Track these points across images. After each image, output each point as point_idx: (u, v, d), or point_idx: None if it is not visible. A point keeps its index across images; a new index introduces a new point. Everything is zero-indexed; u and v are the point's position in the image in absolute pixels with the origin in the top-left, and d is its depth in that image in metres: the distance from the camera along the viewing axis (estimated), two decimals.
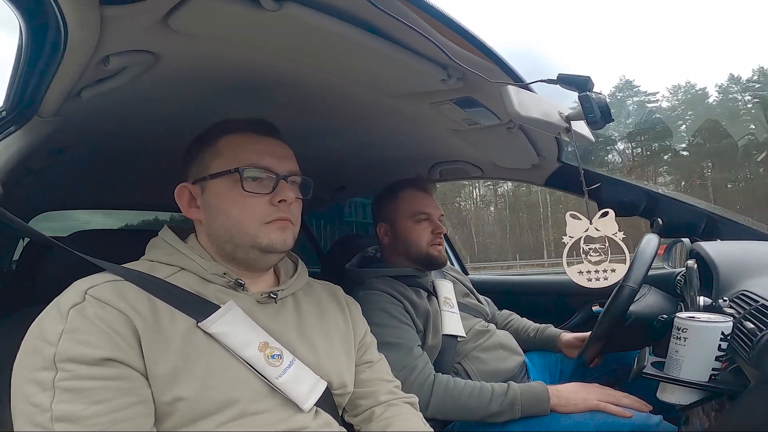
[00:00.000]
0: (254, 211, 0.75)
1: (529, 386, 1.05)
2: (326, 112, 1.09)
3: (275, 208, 0.76)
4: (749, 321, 0.72)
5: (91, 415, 0.57)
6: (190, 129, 0.82)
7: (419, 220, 1.29)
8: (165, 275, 0.72)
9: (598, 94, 0.79)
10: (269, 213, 0.75)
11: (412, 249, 1.29)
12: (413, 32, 0.68)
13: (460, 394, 1.04)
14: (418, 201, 1.31)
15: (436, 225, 1.30)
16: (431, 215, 1.30)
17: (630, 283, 1.03)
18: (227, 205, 0.75)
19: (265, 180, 0.76)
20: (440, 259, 1.30)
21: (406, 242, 1.29)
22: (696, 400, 0.77)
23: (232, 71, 0.83)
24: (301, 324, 0.80)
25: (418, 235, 1.29)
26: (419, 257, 1.29)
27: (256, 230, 0.74)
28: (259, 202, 0.75)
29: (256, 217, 0.75)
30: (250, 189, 0.74)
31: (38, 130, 0.82)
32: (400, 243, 1.31)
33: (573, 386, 1.07)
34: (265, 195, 0.75)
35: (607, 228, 0.84)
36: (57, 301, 0.63)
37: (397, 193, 1.34)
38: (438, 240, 1.30)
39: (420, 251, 1.28)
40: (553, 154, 1.41)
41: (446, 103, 1.01)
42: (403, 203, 1.31)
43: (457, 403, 1.03)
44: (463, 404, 1.03)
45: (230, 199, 0.75)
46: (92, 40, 0.60)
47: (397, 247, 1.32)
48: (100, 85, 0.76)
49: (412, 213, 1.30)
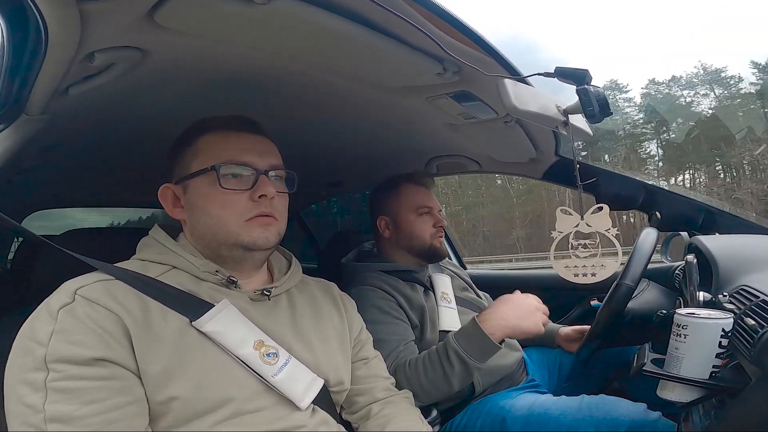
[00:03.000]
0: (235, 208, 0.74)
1: (462, 331, 1.03)
2: (320, 107, 1.07)
3: (256, 204, 0.74)
4: (750, 317, 0.71)
5: (84, 415, 0.56)
6: (180, 125, 0.81)
7: (422, 213, 1.31)
8: (156, 274, 0.71)
9: (596, 87, 0.78)
10: (250, 209, 0.74)
11: (415, 242, 1.30)
12: (408, 25, 0.67)
13: (415, 373, 1.03)
14: (419, 195, 1.33)
15: (438, 218, 1.33)
16: (432, 209, 1.33)
17: (628, 280, 1.02)
18: (208, 204, 0.74)
19: (244, 176, 0.75)
20: (442, 251, 1.34)
21: (410, 235, 1.31)
22: (696, 398, 0.77)
23: (223, 67, 0.82)
24: (295, 321, 0.79)
25: (421, 228, 1.31)
26: (423, 249, 1.31)
27: (238, 228, 0.73)
28: (239, 199, 0.74)
29: (237, 214, 0.74)
30: (229, 186, 0.73)
31: (26, 128, 0.80)
32: (403, 236, 1.31)
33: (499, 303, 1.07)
34: (245, 191, 0.74)
35: (599, 224, 0.83)
36: (47, 302, 0.62)
37: (398, 187, 1.35)
38: (440, 233, 1.33)
39: (424, 243, 1.30)
40: (551, 148, 1.40)
41: (442, 97, 0.99)
42: (405, 197, 1.33)
43: (419, 382, 1.01)
44: (425, 383, 1.01)
45: (210, 197, 0.74)
46: (74, 37, 0.59)
47: (399, 241, 1.33)
48: (87, 82, 0.75)
49: (415, 206, 1.31)
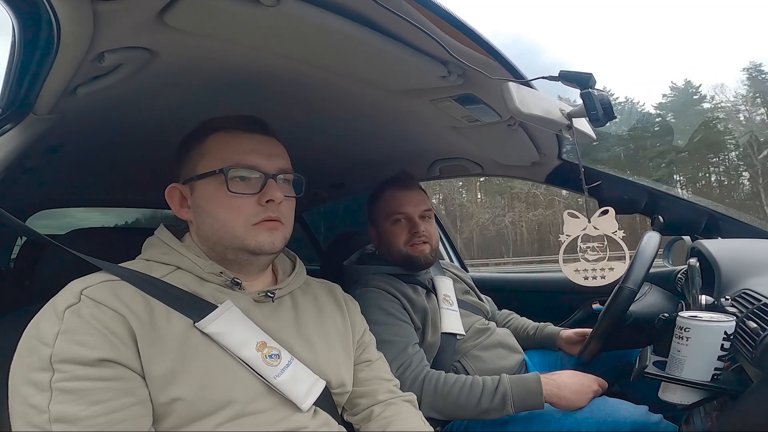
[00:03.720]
0: (241, 212, 0.73)
1: (521, 379, 1.03)
2: (325, 108, 1.08)
3: (263, 208, 0.74)
4: (752, 320, 0.71)
5: (89, 415, 0.56)
6: (187, 126, 0.81)
7: (395, 221, 1.27)
8: (161, 274, 0.71)
9: (600, 91, 0.78)
10: (256, 214, 0.73)
11: (392, 250, 1.27)
12: (414, 28, 0.68)
13: (450, 390, 1.02)
14: (394, 201, 1.27)
15: (414, 224, 1.26)
16: (408, 214, 1.26)
17: (630, 283, 1.02)
18: (214, 207, 0.73)
19: (252, 180, 0.74)
20: (421, 260, 1.26)
21: (387, 244, 1.28)
22: (698, 400, 0.77)
23: (230, 68, 0.82)
24: (298, 323, 0.79)
25: (396, 236, 1.26)
26: (399, 258, 1.26)
27: (244, 232, 0.73)
28: (246, 203, 0.73)
29: (243, 218, 0.73)
30: (237, 190, 0.73)
31: (34, 127, 0.81)
32: (383, 245, 1.30)
33: (568, 375, 1.05)
34: (253, 195, 0.74)
35: (606, 226, 0.83)
36: (53, 302, 0.62)
37: (379, 194, 1.32)
38: (415, 240, 1.25)
39: (399, 252, 1.26)
40: (554, 151, 1.40)
41: (446, 99, 1.00)
42: (381, 205, 1.30)
43: (447, 400, 1.02)
44: (453, 401, 1.02)
45: (217, 200, 0.73)
46: (86, 37, 0.60)
47: (383, 249, 1.31)
48: (95, 82, 0.75)
49: (387, 214, 1.27)
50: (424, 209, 1.28)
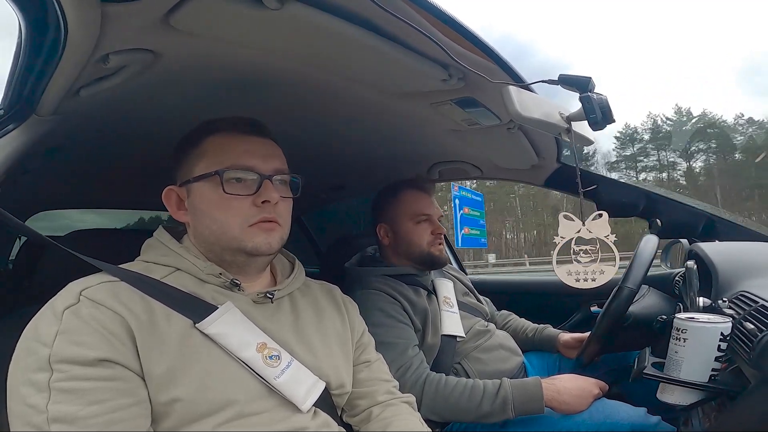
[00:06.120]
0: (237, 213, 0.73)
1: (522, 384, 1.03)
2: (326, 110, 1.08)
3: (259, 209, 0.74)
4: (749, 322, 0.72)
5: (87, 415, 0.56)
6: (188, 128, 0.81)
7: (420, 221, 1.31)
8: (160, 276, 0.71)
9: (599, 94, 0.79)
10: (253, 215, 0.74)
11: (413, 249, 1.30)
12: (415, 32, 0.68)
13: (450, 393, 1.03)
14: (418, 202, 1.32)
15: (436, 226, 1.32)
16: (431, 216, 1.32)
17: (629, 284, 1.03)
18: (211, 209, 0.74)
19: (248, 181, 0.74)
20: (441, 259, 1.32)
21: (408, 243, 1.31)
22: (696, 401, 0.78)
23: (232, 69, 0.83)
24: (298, 324, 0.79)
25: (420, 235, 1.30)
26: (421, 257, 1.30)
27: (240, 233, 0.73)
28: (242, 204, 0.73)
29: (239, 219, 0.73)
30: (232, 191, 0.73)
31: (36, 128, 0.81)
32: (402, 244, 1.32)
33: (568, 379, 1.06)
34: (249, 196, 0.74)
35: (599, 230, 0.84)
36: (51, 303, 0.62)
37: (397, 194, 1.35)
38: (438, 240, 1.32)
39: (422, 251, 1.30)
40: (553, 155, 1.41)
41: (447, 103, 1.01)
42: (404, 204, 1.32)
43: (447, 402, 1.03)
44: (453, 404, 1.02)
45: (213, 202, 0.73)
46: (92, 38, 0.60)
47: (398, 248, 1.33)
48: (98, 83, 0.75)
49: (413, 214, 1.31)
50: (440, 214, 1.35)
